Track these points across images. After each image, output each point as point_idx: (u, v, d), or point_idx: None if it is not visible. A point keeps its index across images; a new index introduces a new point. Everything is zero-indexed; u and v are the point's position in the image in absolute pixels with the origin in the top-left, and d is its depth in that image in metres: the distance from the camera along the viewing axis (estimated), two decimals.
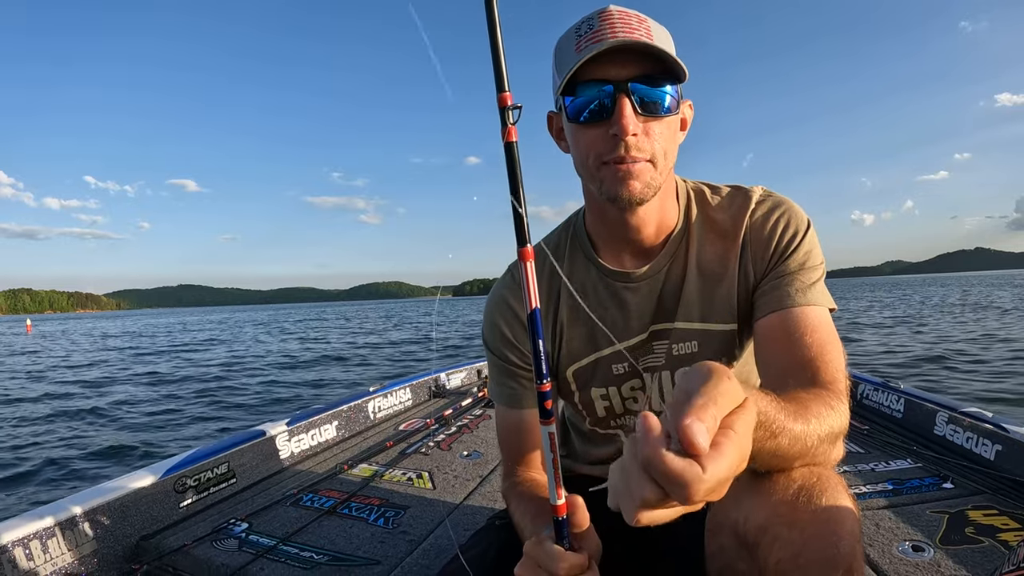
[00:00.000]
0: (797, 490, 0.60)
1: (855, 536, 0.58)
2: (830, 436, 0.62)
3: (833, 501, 0.59)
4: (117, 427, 5.77)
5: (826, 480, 0.61)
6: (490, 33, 0.58)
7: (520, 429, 0.95)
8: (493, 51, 0.58)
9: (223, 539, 1.59)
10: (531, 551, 0.63)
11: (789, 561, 0.58)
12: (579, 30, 0.76)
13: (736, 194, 0.92)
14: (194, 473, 1.83)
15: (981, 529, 1.45)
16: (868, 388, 2.73)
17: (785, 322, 0.79)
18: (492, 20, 0.58)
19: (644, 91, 0.75)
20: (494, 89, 0.58)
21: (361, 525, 1.67)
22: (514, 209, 0.60)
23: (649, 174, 0.77)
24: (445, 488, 1.95)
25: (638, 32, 0.73)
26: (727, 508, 0.68)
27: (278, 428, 2.23)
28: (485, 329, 0.99)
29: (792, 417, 0.57)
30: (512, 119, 0.58)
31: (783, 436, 0.55)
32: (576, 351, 0.94)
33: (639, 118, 0.74)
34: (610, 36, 0.73)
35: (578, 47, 0.75)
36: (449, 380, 3.49)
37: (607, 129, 0.75)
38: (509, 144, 0.58)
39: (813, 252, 0.85)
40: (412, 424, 2.75)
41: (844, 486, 0.62)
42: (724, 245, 0.89)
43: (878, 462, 2.00)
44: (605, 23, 0.74)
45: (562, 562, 0.60)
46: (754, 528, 0.61)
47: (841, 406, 0.66)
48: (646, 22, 0.76)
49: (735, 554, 0.66)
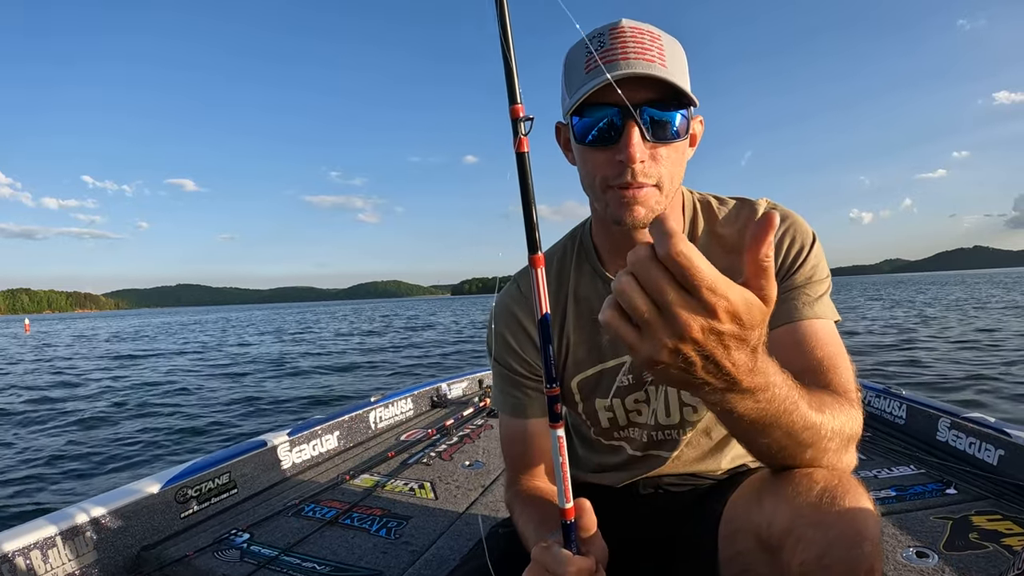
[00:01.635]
0: (820, 491, 0.60)
1: (876, 538, 0.58)
2: (843, 433, 0.62)
3: (856, 503, 0.59)
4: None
5: (848, 482, 0.61)
6: (503, 47, 0.60)
7: (524, 438, 0.95)
8: (505, 64, 0.60)
9: (225, 549, 1.59)
10: (539, 556, 0.63)
11: (813, 562, 0.57)
12: (589, 47, 0.75)
13: (742, 207, 0.91)
14: (195, 483, 1.82)
15: (985, 534, 1.45)
16: (870, 395, 2.72)
17: (794, 335, 0.78)
18: (505, 34, 0.60)
19: (653, 116, 0.73)
20: (506, 100, 0.60)
21: (363, 536, 1.66)
22: (526, 218, 0.61)
23: (654, 199, 0.76)
24: (447, 498, 1.94)
25: (650, 53, 0.72)
26: (747, 511, 0.68)
27: (279, 438, 2.22)
28: (490, 339, 0.99)
29: (807, 402, 0.57)
30: (524, 131, 0.60)
31: (797, 415, 0.56)
32: (581, 362, 0.94)
33: (647, 144, 0.73)
34: (621, 58, 0.71)
35: (588, 66, 0.74)
36: (451, 390, 3.48)
37: (614, 154, 0.74)
38: (521, 155, 0.60)
39: (819, 266, 0.85)
40: (413, 434, 2.75)
41: (864, 488, 0.62)
42: (730, 259, 0.87)
43: (881, 468, 2.00)
44: (617, 42, 0.73)
45: (570, 566, 0.60)
46: (778, 531, 0.61)
47: (855, 412, 0.66)
48: (659, 40, 0.74)
49: (754, 558, 0.65)
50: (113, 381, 9.88)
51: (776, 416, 0.54)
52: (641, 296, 0.44)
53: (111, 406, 7.34)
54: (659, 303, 0.44)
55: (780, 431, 0.56)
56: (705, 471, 0.99)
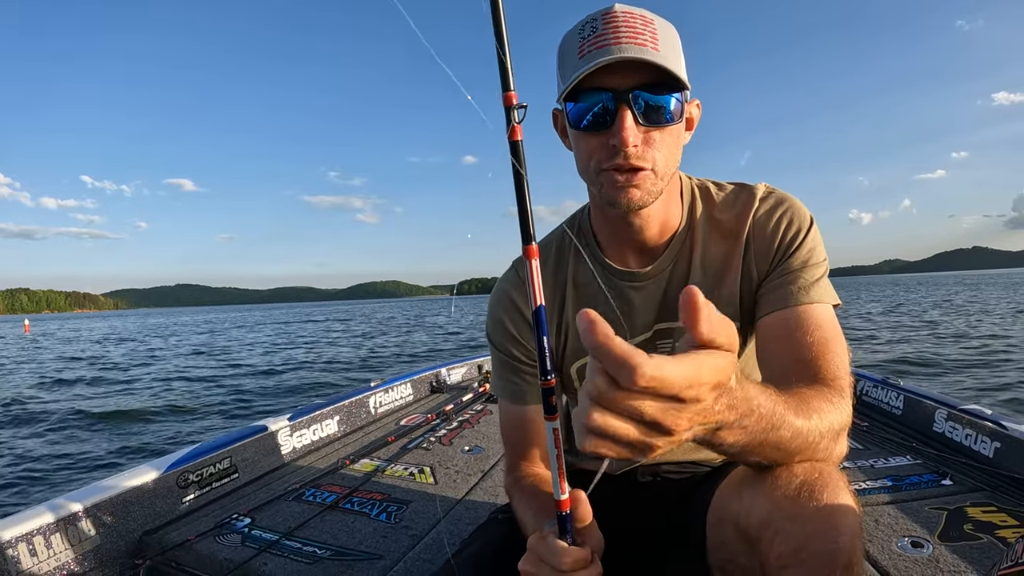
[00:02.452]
0: (799, 485, 0.60)
1: (856, 532, 0.59)
2: (831, 432, 0.63)
3: (834, 497, 0.59)
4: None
5: (828, 476, 0.61)
6: (496, 33, 0.59)
7: (523, 424, 0.95)
8: (499, 50, 0.59)
9: (226, 534, 1.60)
10: (534, 546, 0.64)
11: (790, 556, 0.58)
12: (582, 31, 0.75)
13: (740, 192, 0.91)
14: (196, 468, 1.83)
15: (980, 526, 1.46)
16: (868, 385, 2.74)
17: (788, 320, 0.79)
18: (498, 20, 0.59)
19: (646, 100, 0.73)
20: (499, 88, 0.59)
21: (363, 520, 1.68)
22: (519, 207, 0.60)
23: (649, 182, 0.77)
24: (447, 483, 1.96)
25: (643, 37, 0.72)
26: (729, 501, 0.69)
27: (280, 423, 2.23)
28: (489, 325, 0.99)
29: (793, 411, 0.57)
30: (517, 118, 0.59)
31: (784, 428, 0.56)
32: (580, 348, 0.94)
33: (640, 128, 0.73)
34: (613, 42, 0.71)
35: (580, 51, 0.73)
36: (450, 375, 3.50)
37: (608, 138, 0.74)
38: (514, 142, 0.60)
39: (816, 249, 0.85)
40: (413, 419, 2.77)
41: (846, 482, 0.62)
42: (728, 243, 0.89)
43: (878, 458, 2.01)
44: (609, 26, 0.73)
45: (565, 557, 0.60)
46: (756, 522, 0.62)
47: (843, 403, 0.67)
48: (652, 24, 0.74)
49: (737, 548, 0.66)
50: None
51: (764, 434, 0.54)
52: (621, 424, 0.42)
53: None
54: (641, 422, 0.42)
55: (769, 447, 0.56)
56: (703, 458, 1.01)
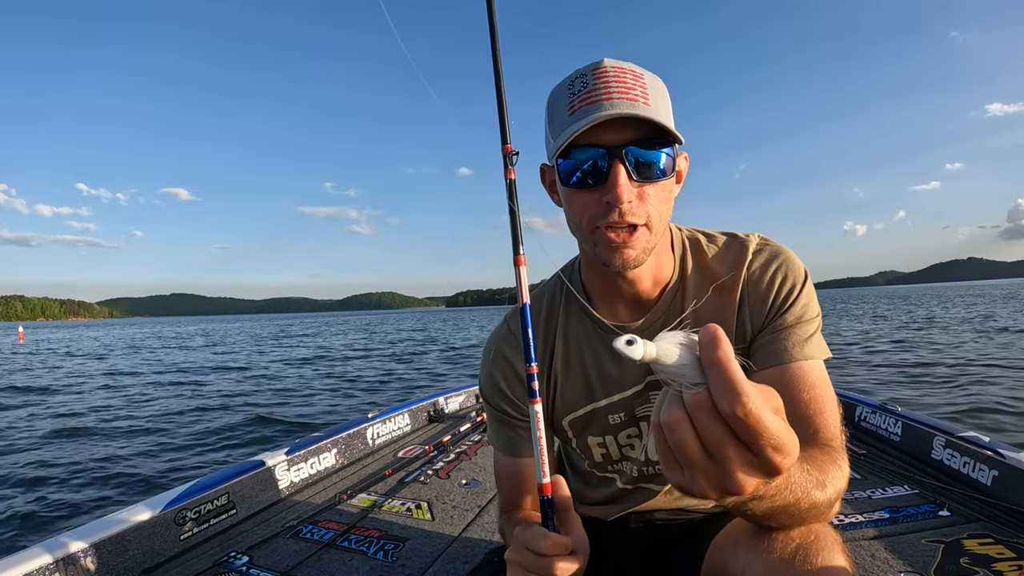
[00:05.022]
0: (795, 549, 0.62)
1: None
2: (837, 497, 0.65)
3: (829, 560, 0.61)
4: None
5: (823, 538, 0.63)
6: (497, 95, 0.80)
7: (517, 476, 0.96)
8: (499, 110, 0.79)
9: (224, 572, 1.60)
10: (519, 534, 0.66)
11: None
12: (572, 87, 0.75)
13: (732, 243, 0.90)
14: (194, 505, 1.83)
15: (976, 559, 1.46)
16: (866, 410, 2.73)
17: (783, 377, 0.79)
18: (499, 84, 0.79)
19: (638, 156, 0.73)
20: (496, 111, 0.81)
21: (360, 559, 1.67)
22: (512, 226, 0.76)
23: (644, 239, 0.76)
24: (444, 519, 1.95)
25: (633, 92, 0.72)
26: (724, 558, 0.70)
27: (277, 458, 2.23)
28: (482, 378, 1.00)
29: (815, 484, 0.59)
30: (512, 163, 0.80)
31: (804, 501, 0.58)
32: (572, 402, 0.95)
33: (634, 183, 0.73)
34: (605, 98, 0.71)
35: (571, 107, 0.74)
36: (447, 404, 3.49)
37: (601, 194, 0.73)
38: (510, 181, 0.79)
39: (810, 305, 0.84)
40: (411, 451, 2.76)
41: (840, 544, 0.64)
42: (721, 297, 0.87)
43: (875, 488, 2.01)
44: (600, 82, 0.73)
45: (546, 541, 0.62)
46: None
47: (845, 466, 0.68)
48: (641, 78, 0.74)
49: None
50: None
51: (786, 507, 0.56)
52: (694, 442, 0.41)
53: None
54: (713, 454, 0.41)
55: (785, 516, 0.58)
56: (696, 505, 1.00)
